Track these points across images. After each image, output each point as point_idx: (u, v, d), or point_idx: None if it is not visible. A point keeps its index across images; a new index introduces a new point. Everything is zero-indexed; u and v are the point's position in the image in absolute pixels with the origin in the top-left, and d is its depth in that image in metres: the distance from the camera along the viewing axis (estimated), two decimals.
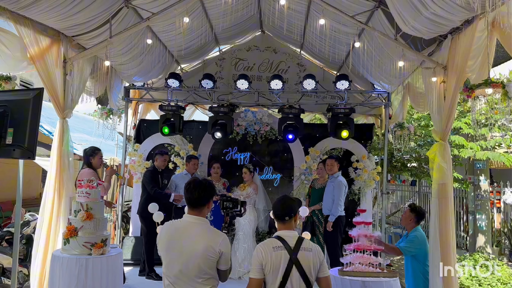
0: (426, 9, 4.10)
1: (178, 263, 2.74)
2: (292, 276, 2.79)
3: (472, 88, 4.02)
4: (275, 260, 2.81)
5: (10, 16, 4.42)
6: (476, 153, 9.08)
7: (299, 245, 2.87)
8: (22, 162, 4.97)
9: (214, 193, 2.93)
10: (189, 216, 2.87)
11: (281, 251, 2.83)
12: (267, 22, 8.03)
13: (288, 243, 2.86)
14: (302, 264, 2.82)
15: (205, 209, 2.88)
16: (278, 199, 3.11)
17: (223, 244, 2.76)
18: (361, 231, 4.63)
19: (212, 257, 2.72)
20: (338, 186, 6.52)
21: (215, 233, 2.83)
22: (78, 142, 9.01)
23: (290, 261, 2.81)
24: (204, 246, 2.72)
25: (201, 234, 2.77)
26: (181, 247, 2.75)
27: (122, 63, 6.66)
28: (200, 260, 2.70)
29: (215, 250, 2.72)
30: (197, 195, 2.82)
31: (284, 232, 2.96)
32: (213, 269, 2.76)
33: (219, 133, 7.38)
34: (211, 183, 2.95)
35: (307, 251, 2.87)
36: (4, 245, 6.14)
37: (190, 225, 2.83)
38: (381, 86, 7.54)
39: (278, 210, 3.01)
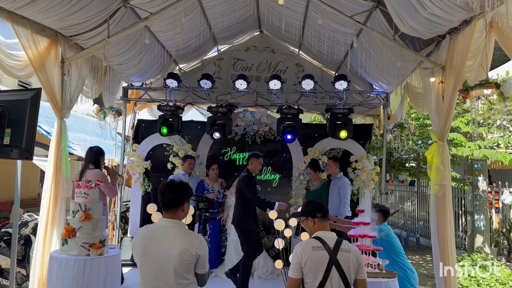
0: (425, 9, 4.10)
1: (154, 268, 2.66)
2: (332, 276, 2.82)
3: (468, 90, 4.02)
4: (315, 260, 2.84)
5: (7, 16, 4.40)
6: (473, 152, 9.10)
7: (338, 246, 2.90)
8: (20, 163, 4.96)
9: (188, 194, 2.85)
10: (163, 219, 2.79)
11: (321, 251, 2.86)
12: (265, 22, 8.03)
13: (328, 244, 2.89)
14: (341, 265, 2.85)
15: (180, 211, 2.79)
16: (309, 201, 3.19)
17: (199, 246, 2.68)
18: (360, 231, 4.63)
19: (189, 260, 2.65)
20: (344, 186, 6.64)
21: (191, 236, 2.76)
22: (77, 142, 9.00)
23: (330, 262, 2.83)
24: (180, 249, 2.64)
25: (176, 237, 2.69)
26: (157, 252, 2.67)
27: (120, 63, 6.65)
28: (176, 264, 2.63)
29: (192, 253, 2.65)
30: (170, 196, 2.75)
31: (323, 233, 2.99)
32: (190, 273, 2.69)
33: (218, 133, 7.37)
34: (186, 185, 2.87)
35: (346, 252, 2.90)
36: (2, 245, 6.12)
37: (165, 228, 2.75)
38: (380, 86, 7.55)
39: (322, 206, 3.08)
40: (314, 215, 3.04)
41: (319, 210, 3.05)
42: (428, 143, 9.63)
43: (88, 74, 6.19)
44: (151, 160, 7.99)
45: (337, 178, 6.81)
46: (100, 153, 5.64)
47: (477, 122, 6.95)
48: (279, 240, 5.04)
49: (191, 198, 2.96)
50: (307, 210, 3.10)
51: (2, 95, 3.13)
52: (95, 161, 5.56)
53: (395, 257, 4.79)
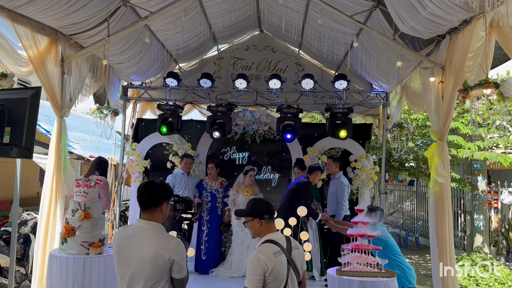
0: (425, 9, 4.10)
1: (128, 270, 2.57)
2: (291, 278, 2.75)
3: (468, 89, 4.02)
4: (279, 265, 2.71)
5: (7, 15, 4.40)
6: (473, 153, 9.10)
7: (290, 245, 2.83)
8: (19, 161, 4.96)
9: (167, 195, 2.73)
10: (140, 221, 2.68)
11: (281, 255, 2.75)
12: (265, 22, 8.02)
13: (282, 246, 2.79)
14: (296, 263, 2.81)
15: (159, 212, 2.67)
16: (257, 201, 2.98)
17: (174, 250, 2.54)
18: (359, 231, 4.63)
19: (162, 265, 2.52)
20: (341, 187, 6.64)
21: (166, 239, 2.61)
22: (76, 141, 9.00)
23: (288, 263, 2.75)
24: (152, 253, 2.52)
25: (150, 240, 2.57)
26: (130, 255, 2.57)
27: (120, 62, 6.65)
28: (149, 268, 2.51)
29: (165, 257, 2.52)
30: (147, 196, 2.65)
31: (273, 235, 2.85)
32: (164, 278, 2.56)
33: (218, 133, 7.37)
34: (165, 185, 2.78)
35: (297, 249, 2.86)
36: (2, 244, 6.12)
37: (140, 230, 2.64)
38: (380, 86, 7.55)
39: (270, 208, 2.89)
40: (261, 217, 2.83)
41: (267, 211, 2.86)
42: (428, 143, 9.65)
43: (88, 73, 6.19)
44: (150, 159, 7.98)
45: (336, 178, 6.82)
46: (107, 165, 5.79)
47: (477, 122, 6.96)
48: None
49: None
50: (254, 211, 2.87)
51: (2, 94, 3.13)
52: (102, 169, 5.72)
53: (392, 256, 4.79)
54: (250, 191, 6.98)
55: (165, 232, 2.69)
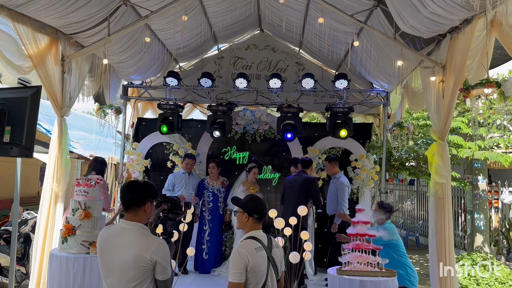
0: (425, 8, 4.10)
1: (110, 271, 2.54)
2: (270, 275, 2.84)
3: (469, 89, 4.02)
4: (260, 261, 2.79)
5: (7, 14, 4.39)
6: (474, 153, 9.10)
7: (271, 243, 2.93)
8: (20, 161, 4.96)
9: (152, 194, 2.67)
10: (123, 221, 2.63)
11: (262, 251, 2.84)
12: (266, 21, 8.02)
13: (264, 243, 2.89)
14: (275, 261, 2.90)
15: (142, 212, 2.61)
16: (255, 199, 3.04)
17: (156, 252, 2.49)
18: (359, 230, 4.63)
19: (145, 266, 2.47)
20: (341, 187, 6.62)
21: (148, 240, 2.55)
22: (77, 140, 9.00)
23: (268, 260, 2.85)
24: (134, 254, 2.47)
25: (132, 241, 2.51)
26: (112, 255, 2.53)
27: (120, 61, 6.64)
28: (131, 269, 2.46)
29: (147, 258, 2.46)
30: (129, 196, 2.60)
31: (257, 232, 2.93)
32: (147, 280, 2.50)
33: (218, 132, 7.36)
34: (148, 184, 2.73)
35: (276, 248, 2.97)
36: (2, 243, 6.13)
37: (123, 231, 2.58)
38: (380, 85, 7.54)
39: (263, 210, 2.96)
40: (251, 214, 2.91)
41: (258, 211, 2.93)
42: (428, 143, 9.64)
43: (88, 72, 6.18)
44: (151, 158, 7.98)
45: (336, 178, 6.80)
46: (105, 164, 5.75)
47: (477, 122, 6.96)
48: (279, 239, 5.04)
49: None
50: (247, 206, 2.96)
51: (2, 93, 3.12)
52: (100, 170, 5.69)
53: (397, 256, 4.80)
54: (256, 189, 7.02)
55: (148, 233, 2.63)
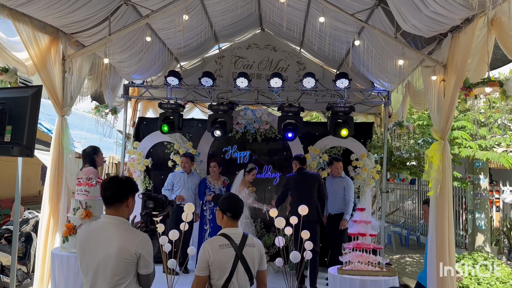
0: (427, 8, 4.09)
1: (93, 266, 2.53)
2: (237, 272, 2.90)
3: (470, 87, 4.01)
4: (222, 257, 2.89)
5: (8, 13, 4.40)
6: (475, 153, 9.08)
7: (244, 242, 2.97)
8: (21, 160, 4.96)
9: (133, 189, 2.71)
10: (106, 216, 2.66)
11: (228, 248, 2.92)
12: (267, 20, 8.01)
13: (234, 240, 2.95)
14: (246, 260, 2.93)
15: (124, 207, 2.65)
16: (230, 197, 3.14)
17: (140, 245, 2.53)
18: (360, 229, 4.64)
19: (128, 259, 2.50)
20: (350, 186, 6.77)
21: (132, 233, 2.60)
22: (77, 140, 9.01)
23: (236, 258, 2.91)
24: (118, 247, 2.49)
25: (115, 235, 2.54)
26: (95, 249, 2.54)
27: (121, 61, 6.64)
28: (114, 262, 2.49)
29: (131, 251, 2.50)
30: (111, 192, 2.62)
31: (231, 229, 3.03)
32: (130, 273, 2.54)
33: (219, 131, 7.36)
34: (130, 179, 2.76)
35: (251, 247, 2.99)
36: (3, 243, 6.14)
37: (106, 225, 2.61)
38: (381, 84, 7.53)
39: (236, 208, 3.06)
40: (224, 212, 3.05)
41: (230, 210, 3.04)
42: (429, 141, 9.62)
43: (89, 72, 6.18)
44: (152, 158, 7.99)
45: (341, 177, 6.87)
46: (95, 152, 5.58)
47: (479, 121, 6.95)
48: (280, 238, 5.05)
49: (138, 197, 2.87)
50: (221, 204, 3.09)
51: (3, 92, 3.13)
52: (90, 160, 5.58)
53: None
54: (253, 190, 7.07)
55: (130, 227, 2.68)
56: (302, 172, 6.47)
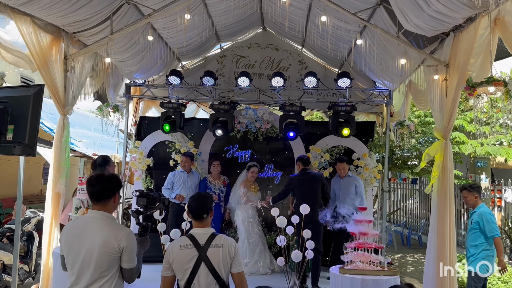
0: (429, 7, 4.08)
1: (78, 259, 2.62)
2: (200, 273, 2.81)
3: (474, 86, 3.99)
4: (182, 258, 2.83)
5: (10, 12, 4.40)
6: (476, 149, 9.07)
7: (209, 242, 2.88)
8: (22, 159, 4.96)
9: (119, 186, 2.81)
10: (92, 211, 2.75)
11: (189, 249, 2.85)
12: (268, 19, 8.01)
13: (199, 241, 2.88)
14: (211, 260, 2.83)
15: (111, 203, 2.75)
16: (194, 198, 3.07)
17: (124, 239, 2.62)
18: (361, 229, 4.63)
19: (111, 253, 2.59)
20: (360, 183, 6.82)
21: (116, 228, 2.69)
22: (79, 139, 9.02)
23: (199, 259, 2.83)
24: (102, 240, 2.59)
25: (100, 229, 2.64)
26: (81, 244, 2.62)
27: (123, 60, 6.64)
28: (97, 256, 2.57)
29: (114, 245, 2.59)
30: (99, 188, 2.71)
31: (198, 230, 2.96)
32: (113, 267, 2.63)
33: (220, 131, 7.36)
34: (116, 176, 2.84)
35: (217, 247, 2.88)
36: (5, 242, 6.14)
37: (92, 220, 2.71)
38: (383, 84, 7.52)
39: (194, 209, 2.98)
40: (189, 212, 3.01)
41: (190, 211, 3.00)
42: (430, 140, 9.61)
43: (91, 71, 6.19)
44: (153, 157, 7.99)
45: (349, 176, 6.90)
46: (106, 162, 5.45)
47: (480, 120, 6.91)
48: (281, 238, 5.05)
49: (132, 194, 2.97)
50: (188, 206, 3.05)
51: (5, 91, 3.13)
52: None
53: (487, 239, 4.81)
54: (256, 188, 7.07)
55: (115, 222, 2.78)
56: (306, 172, 6.47)
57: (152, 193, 3.36)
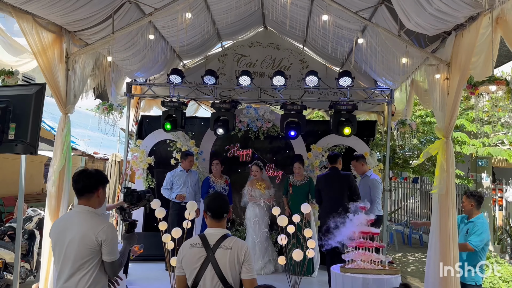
0: (430, 5, 4.07)
1: (61, 252, 2.72)
2: (206, 274, 2.71)
3: (476, 85, 3.99)
4: (190, 257, 2.77)
5: (12, 11, 4.40)
6: (478, 149, 9.05)
7: (219, 243, 2.75)
8: (24, 158, 4.97)
9: (103, 180, 2.87)
10: (76, 206, 2.85)
11: (198, 248, 2.76)
12: (270, 18, 8.00)
13: (209, 241, 2.78)
14: (218, 263, 2.71)
15: (94, 198, 2.82)
16: (214, 196, 3.01)
17: (102, 232, 2.68)
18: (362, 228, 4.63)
19: (90, 246, 2.67)
20: (375, 185, 6.42)
21: (97, 221, 2.75)
22: (80, 137, 9.02)
23: (206, 259, 2.73)
24: (81, 233, 2.68)
25: (81, 222, 2.73)
26: (64, 237, 2.73)
27: (124, 59, 6.65)
28: (77, 248, 2.66)
29: (92, 238, 2.66)
30: (81, 184, 2.78)
31: (211, 230, 2.86)
32: (92, 260, 2.69)
33: (221, 130, 7.37)
34: (98, 172, 2.90)
35: (226, 249, 2.73)
36: (7, 240, 6.16)
37: (75, 214, 2.82)
38: (384, 83, 7.51)
39: (216, 208, 2.89)
40: (206, 211, 2.91)
41: (210, 209, 2.89)
42: (431, 140, 9.60)
43: (92, 70, 6.18)
44: (154, 155, 8.00)
45: (366, 176, 6.61)
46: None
47: (482, 119, 6.91)
48: (282, 237, 5.05)
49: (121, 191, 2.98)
50: (205, 204, 2.98)
51: (7, 90, 3.13)
52: None
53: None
54: (263, 185, 7.05)
55: (97, 216, 2.82)
56: (333, 171, 6.32)
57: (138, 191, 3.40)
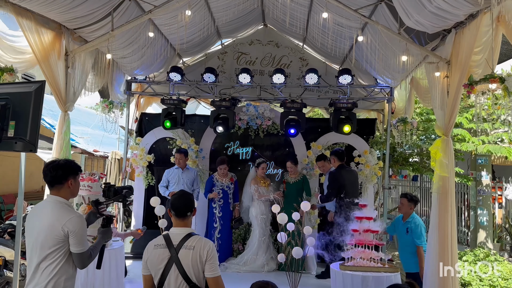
0: (430, 3, 4.07)
1: (31, 241, 2.76)
2: (170, 274, 2.67)
3: (473, 84, 3.99)
4: (154, 258, 2.72)
5: (11, 9, 4.39)
6: (477, 147, 9.05)
7: (182, 243, 2.70)
8: (24, 155, 4.97)
9: (72, 171, 2.86)
10: (48, 196, 2.90)
11: (161, 249, 2.72)
12: (269, 16, 7.99)
13: (173, 241, 2.72)
14: (182, 263, 2.67)
15: (66, 188, 2.84)
16: (178, 195, 2.90)
17: (69, 223, 2.69)
18: (362, 226, 4.64)
19: (56, 235, 2.68)
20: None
21: (65, 212, 2.76)
22: (80, 135, 9.02)
23: (170, 259, 2.69)
24: (48, 223, 2.70)
25: (49, 212, 2.76)
26: (33, 226, 2.77)
27: (124, 56, 6.64)
28: (44, 237, 2.69)
29: (58, 228, 2.68)
30: (49, 175, 2.82)
31: (176, 229, 2.80)
32: (59, 250, 2.70)
33: (221, 127, 7.36)
34: (69, 161, 2.93)
35: (188, 249, 2.68)
36: (7, 238, 6.16)
37: (46, 204, 2.86)
38: (384, 80, 7.51)
39: (179, 206, 2.81)
40: (170, 210, 2.82)
41: (173, 208, 2.81)
42: (431, 138, 9.60)
43: (92, 67, 6.18)
44: (154, 153, 8.00)
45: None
46: None
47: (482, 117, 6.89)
48: (282, 234, 5.06)
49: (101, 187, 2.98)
50: (170, 202, 2.89)
51: (6, 88, 3.12)
52: None
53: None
54: (266, 182, 7.08)
55: (67, 207, 2.82)
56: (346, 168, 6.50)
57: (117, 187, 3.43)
